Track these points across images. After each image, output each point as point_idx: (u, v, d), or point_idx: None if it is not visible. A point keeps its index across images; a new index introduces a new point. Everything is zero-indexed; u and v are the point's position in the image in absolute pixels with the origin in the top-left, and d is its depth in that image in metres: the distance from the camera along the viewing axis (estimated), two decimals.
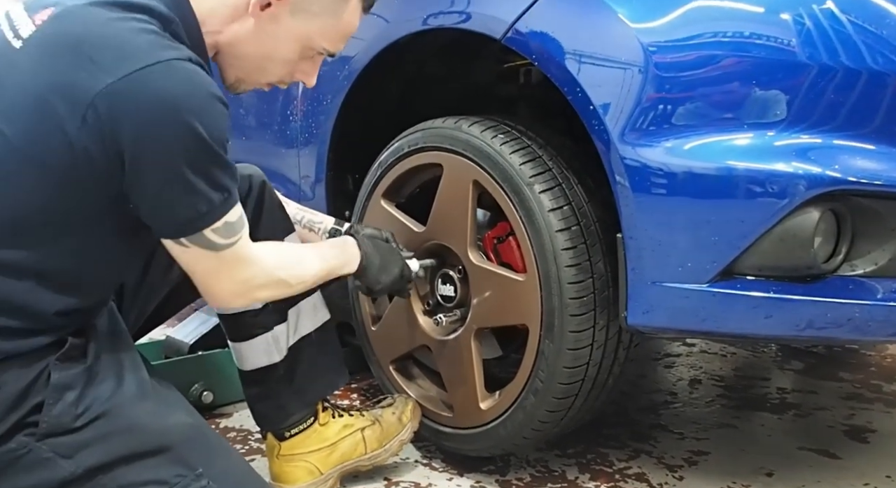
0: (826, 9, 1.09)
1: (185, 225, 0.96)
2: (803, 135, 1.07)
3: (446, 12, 1.37)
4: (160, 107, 0.88)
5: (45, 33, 0.93)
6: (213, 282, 1.04)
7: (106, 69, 0.87)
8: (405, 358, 1.59)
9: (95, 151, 0.89)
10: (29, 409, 0.94)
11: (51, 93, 0.89)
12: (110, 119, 0.88)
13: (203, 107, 0.91)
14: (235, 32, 1.06)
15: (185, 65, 0.91)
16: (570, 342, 1.26)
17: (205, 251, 0.99)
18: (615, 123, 1.14)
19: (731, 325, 1.14)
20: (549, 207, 1.26)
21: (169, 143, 0.89)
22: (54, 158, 0.90)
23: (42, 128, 0.89)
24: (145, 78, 0.88)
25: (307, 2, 1.06)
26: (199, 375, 1.70)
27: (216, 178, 0.95)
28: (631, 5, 1.16)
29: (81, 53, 0.89)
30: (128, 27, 0.91)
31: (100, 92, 0.87)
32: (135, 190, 0.93)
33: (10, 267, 0.93)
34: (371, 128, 1.65)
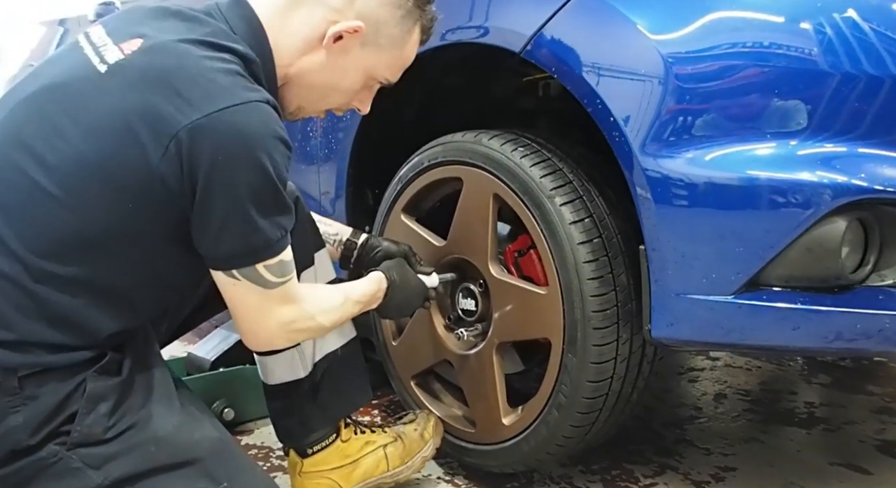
0: (847, 17, 1.08)
1: (240, 257, 0.99)
2: (827, 144, 1.06)
3: (465, 27, 1.37)
4: (238, 143, 0.93)
5: (135, 63, 0.96)
6: (257, 320, 1.06)
7: (194, 105, 0.92)
8: (426, 373, 1.58)
9: (172, 180, 0.94)
10: (63, 419, 0.96)
11: (137, 119, 0.93)
12: (191, 152, 0.92)
13: (275, 146, 0.96)
14: (306, 64, 1.11)
15: (264, 107, 0.97)
16: (594, 355, 1.25)
17: (254, 287, 1.02)
18: (636, 135, 1.13)
19: (758, 337, 1.12)
20: (571, 220, 1.26)
21: (240, 177, 0.94)
22: (130, 181, 0.94)
23: (123, 151, 0.93)
24: (229, 116, 0.93)
25: (376, 34, 1.12)
26: (220, 392, 1.71)
27: (276, 217, 0.99)
28: (650, 17, 1.15)
29: (171, 87, 0.93)
30: (215, 67, 0.97)
31: (185, 126, 0.92)
32: (199, 219, 0.97)
33: (68, 282, 0.96)
34: (390, 143, 1.66)
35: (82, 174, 0.94)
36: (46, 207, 0.94)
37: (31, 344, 0.95)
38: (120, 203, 0.95)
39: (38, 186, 0.94)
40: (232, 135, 0.93)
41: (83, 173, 0.94)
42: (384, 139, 1.66)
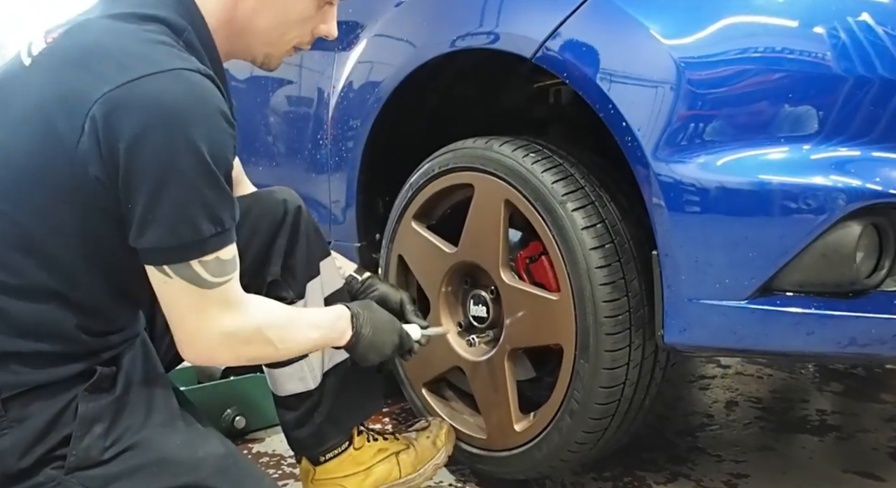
0: (861, 21, 1.08)
1: (170, 251, 0.89)
2: (841, 149, 1.06)
3: (475, 33, 1.38)
4: (158, 115, 0.83)
5: (54, 48, 0.91)
6: (194, 326, 0.94)
7: (107, 78, 0.84)
8: (438, 380, 1.58)
9: (95, 167, 0.86)
10: (56, 442, 0.92)
11: (52, 106, 0.87)
12: (106, 128, 0.84)
13: (205, 120, 0.87)
14: (244, 12, 1.03)
15: (192, 75, 0.88)
16: (606, 361, 1.25)
17: (189, 286, 0.91)
18: (648, 140, 1.13)
19: (772, 343, 1.11)
20: (583, 225, 1.25)
21: (163, 155, 0.84)
22: (58, 178, 0.87)
23: (44, 145, 0.87)
24: (148, 85, 0.84)
25: None
26: (231, 400, 1.71)
27: (212, 207, 0.89)
28: (663, 21, 1.16)
29: (85, 64, 0.87)
30: (137, 38, 0.89)
31: (98, 100, 0.84)
32: (126, 203, 0.87)
33: (26, 290, 0.91)
34: (401, 150, 1.66)
35: (12, 177, 0.89)
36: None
37: (10, 358, 0.91)
38: (60, 205, 0.88)
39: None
40: (150, 106, 0.83)
41: (13, 176, 0.89)
42: (395, 147, 1.67)
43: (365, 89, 1.62)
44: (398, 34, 1.56)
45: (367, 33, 1.65)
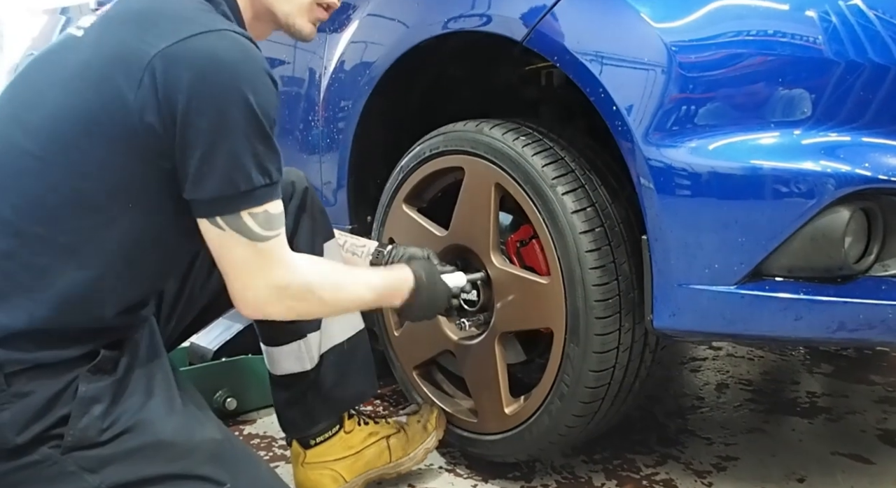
0: (852, 5, 1.07)
1: (223, 201, 0.93)
2: (831, 134, 1.05)
3: (467, 15, 1.36)
4: (214, 67, 0.89)
5: (106, 15, 0.97)
6: (247, 279, 0.99)
7: (163, 36, 0.90)
8: (428, 363, 1.58)
9: (151, 117, 0.89)
10: (55, 421, 0.93)
11: (110, 62, 0.91)
12: (165, 80, 0.88)
13: (255, 76, 0.92)
14: None
15: (239, 36, 0.93)
16: (596, 345, 1.25)
17: (241, 238, 0.95)
18: (639, 124, 1.13)
19: (761, 328, 1.11)
20: (573, 209, 1.25)
21: (219, 107, 0.89)
22: (112, 127, 0.90)
23: (100, 96, 0.90)
24: (201, 41, 0.90)
25: None
26: (223, 382, 1.71)
27: (261, 159, 0.93)
28: (653, 5, 1.14)
29: (140, 25, 0.92)
30: (184, 4, 0.96)
31: (156, 54, 0.88)
32: (181, 157, 0.91)
33: (67, 250, 0.93)
34: (392, 132, 1.65)
35: (64, 130, 0.92)
36: (36, 171, 0.92)
37: (20, 335, 0.92)
38: (107, 155, 0.91)
39: (25, 151, 0.92)
40: (206, 59, 0.89)
41: (65, 129, 0.92)
42: (386, 128, 1.66)
43: (356, 70, 1.61)
44: (390, 15, 1.55)
45: (358, 14, 1.64)
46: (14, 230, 0.92)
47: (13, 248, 0.92)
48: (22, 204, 0.92)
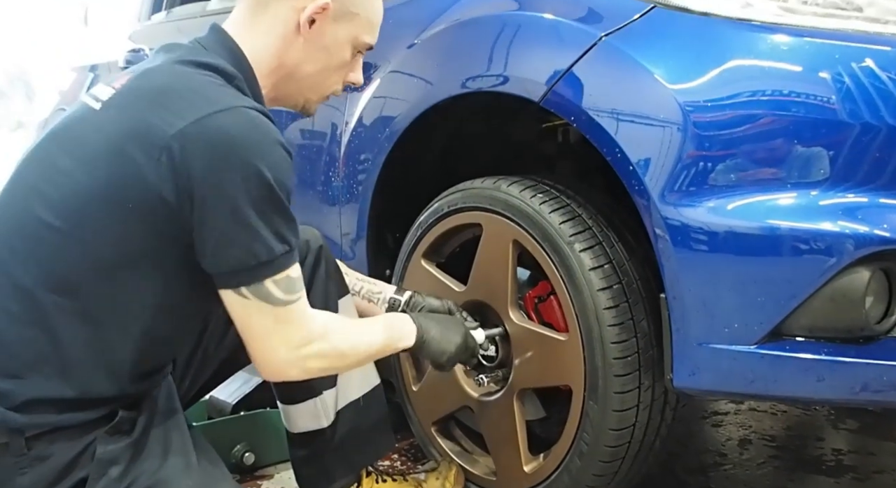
0: (865, 66, 1.08)
1: (246, 272, 0.96)
2: (849, 194, 1.06)
3: (485, 75, 1.39)
4: (228, 146, 0.92)
5: (124, 91, 1.00)
6: (268, 344, 1.02)
7: (180, 115, 0.93)
8: (447, 419, 1.57)
9: (169, 193, 0.93)
10: (73, 484, 0.94)
11: (129, 140, 0.94)
12: (183, 160, 0.92)
13: (269, 150, 0.95)
14: (292, 58, 1.12)
15: (251, 112, 0.97)
16: (616, 403, 1.24)
17: (263, 305, 0.98)
18: (655, 183, 1.14)
19: (782, 388, 1.10)
20: (590, 266, 1.26)
21: (235, 183, 0.92)
22: (130, 202, 0.94)
23: (120, 173, 0.94)
24: (216, 121, 0.93)
25: (344, 4, 1.12)
26: (241, 436, 1.71)
27: (279, 228, 0.97)
28: (667, 66, 1.16)
29: (157, 103, 0.96)
30: (200, 81, 1.00)
31: (174, 135, 0.92)
32: (199, 233, 0.95)
33: (81, 315, 0.95)
34: (411, 187, 1.67)
35: (84, 204, 0.95)
36: (55, 242, 0.95)
37: (40, 402, 0.94)
38: (124, 228, 0.95)
39: (44, 223, 0.95)
40: (221, 139, 0.92)
41: (85, 203, 0.95)
42: (405, 183, 1.68)
43: (378, 126, 1.64)
44: (410, 75, 1.58)
45: (379, 73, 1.67)
46: (32, 298, 0.94)
47: (32, 316, 0.94)
48: (40, 273, 0.95)
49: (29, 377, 0.93)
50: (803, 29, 1.12)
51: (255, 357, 1.04)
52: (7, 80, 9.10)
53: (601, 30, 1.22)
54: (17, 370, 0.94)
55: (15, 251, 0.96)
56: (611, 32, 1.21)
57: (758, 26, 1.14)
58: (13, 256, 0.96)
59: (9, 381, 0.93)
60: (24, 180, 1.01)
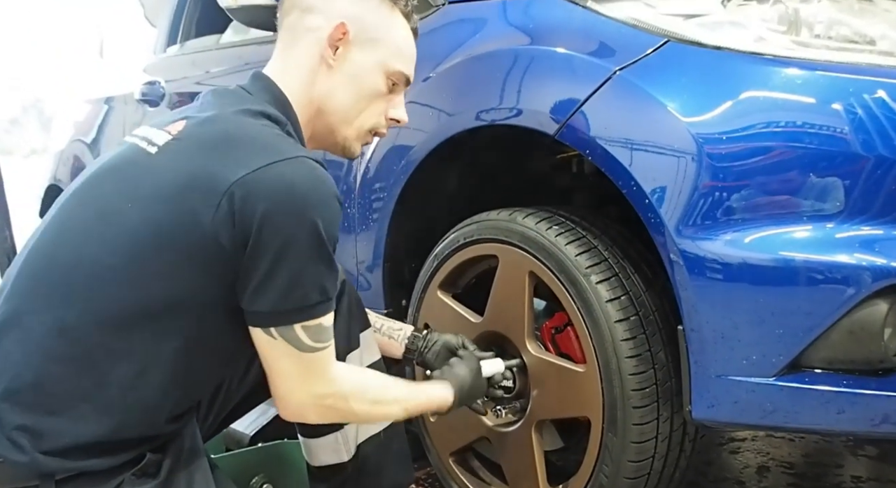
0: (877, 97, 1.09)
1: (279, 314, 0.98)
2: (864, 227, 1.06)
3: (498, 108, 1.41)
4: (288, 195, 0.95)
5: (182, 139, 1.02)
6: (289, 387, 1.05)
7: (242, 163, 0.95)
8: (465, 450, 1.57)
9: (225, 238, 0.95)
10: None
11: (187, 185, 0.96)
12: (242, 205, 0.94)
13: (325, 202, 0.98)
14: (323, 90, 1.13)
15: (310, 162, 0.99)
16: (635, 435, 1.24)
17: (290, 348, 1.00)
18: (671, 216, 1.15)
19: (802, 420, 1.10)
20: (607, 298, 1.26)
21: (290, 230, 0.94)
22: (185, 245, 0.96)
23: (177, 217, 0.96)
24: (279, 170, 0.95)
25: (363, 30, 1.13)
26: (259, 467, 1.70)
27: (321, 278, 0.99)
28: (681, 99, 1.18)
29: (218, 151, 0.98)
30: (259, 130, 1.02)
31: (236, 182, 0.94)
32: (246, 274, 0.96)
33: (126, 355, 0.96)
34: (427, 218, 1.69)
35: (139, 246, 0.96)
36: (108, 280, 0.96)
37: (74, 447, 0.94)
38: (174, 268, 0.96)
39: (98, 263, 0.97)
40: (281, 188, 0.94)
41: (139, 245, 0.96)
42: (421, 215, 1.69)
43: (393, 158, 1.65)
44: (425, 108, 1.59)
45: None
46: (76, 337, 0.96)
47: (75, 354, 0.95)
48: (90, 312, 0.96)
49: (65, 416, 0.94)
50: (816, 62, 1.13)
51: (275, 394, 1.07)
52: (21, 109, 9.22)
53: (615, 64, 1.24)
54: (56, 407, 0.95)
55: (66, 291, 0.97)
56: (625, 66, 1.23)
57: (771, 60, 1.15)
58: (64, 297, 0.97)
59: (47, 420, 0.94)
60: (76, 219, 1.02)
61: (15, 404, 0.94)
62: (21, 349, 0.96)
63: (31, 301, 0.98)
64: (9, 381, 0.95)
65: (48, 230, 1.03)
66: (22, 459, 0.93)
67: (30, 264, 1.01)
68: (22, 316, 0.97)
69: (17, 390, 0.95)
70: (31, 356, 0.95)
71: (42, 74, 6.81)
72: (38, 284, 0.99)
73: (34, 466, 0.93)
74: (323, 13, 1.12)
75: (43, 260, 1.00)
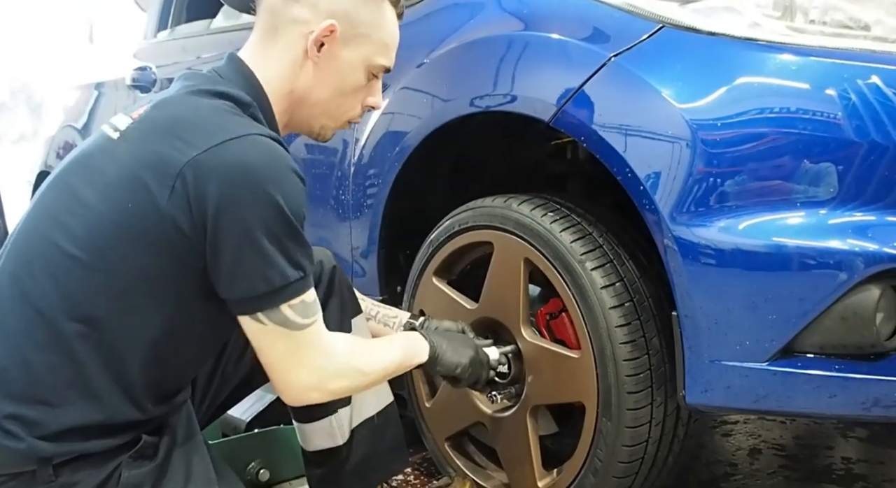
0: (871, 83, 1.09)
1: (262, 298, 0.97)
2: (857, 213, 1.07)
3: (493, 95, 1.41)
4: (242, 174, 0.93)
5: (141, 121, 1.01)
6: (289, 369, 1.03)
7: (193, 144, 0.94)
8: (460, 435, 1.58)
9: (182, 220, 0.94)
10: None
11: (143, 169, 0.95)
12: (196, 187, 0.93)
13: (282, 177, 0.96)
14: (304, 83, 1.12)
15: (264, 139, 0.98)
16: (629, 420, 1.25)
17: (282, 330, 0.99)
18: (666, 202, 1.15)
19: (794, 405, 1.12)
20: (602, 284, 1.27)
21: (248, 209, 0.93)
22: (145, 230, 0.95)
23: (134, 201, 0.95)
24: (229, 148, 0.94)
25: (351, 26, 1.11)
26: (256, 453, 1.71)
27: (292, 254, 0.98)
28: (676, 86, 1.18)
29: (172, 133, 0.97)
30: (214, 110, 1.01)
31: (187, 162, 0.93)
32: (213, 259, 0.96)
33: (105, 343, 0.96)
34: (421, 204, 1.69)
35: (102, 234, 0.96)
36: (75, 272, 0.96)
37: (67, 430, 0.95)
38: (140, 257, 0.96)
39: (65, 254, 0.96)
40: (234, 167, 0.93)
41: (103, 233, 0.96)
42: (416, 201, 1.69)
43: (387, 145, 1.65)
44: (419, 95, 1.59)
45: (389, 92, 1.68)
46: (55, 326, 0.96)
47: (56, 343, 0.96)
48: (61, 302, 0.96)
49: (56, 403, 0.95)
50: (811, 48, 1.13)
51: (276, 383, 1.05)
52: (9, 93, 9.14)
53: (609, 50, 1.24)
54: (44, 396, 0.95)
55: (37, 280, 0.97)
56: (620, 53, 1.23)
57: (766, 46, 1.15)
58: (36, 286, 0.97)
59: (37, 408, 0.95)
60: (45, 210, 1.02)
61: (3, 395, 0.95)
62: (3, 341, 0.97)
63: (8, 293, 0.99)
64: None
65: (26, 221, 1.04)
66: (18, 446, 0.93)
67: (10, 258, 1.02)
68: (2, 308, 0.98)
69: (6, 381, 0.95)
70: (12, 347, 0.96)
71: (30, 59, 6.74)
72: (15, 277, 0.99)
73: (30, 451, 0.94)
74: (310, 5, 1.09)
75: (19, 252, 1.01)
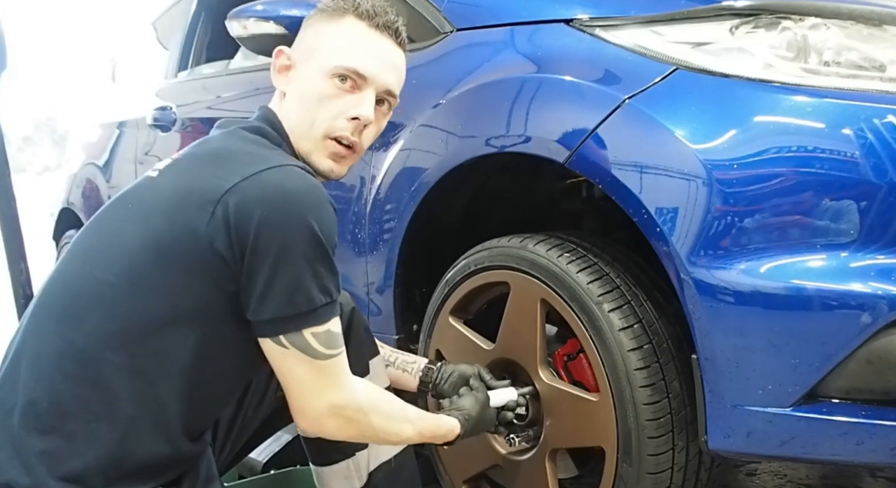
0: (888, 123, 1.08)
1: (287, 320, 0.99)
2: (879, 256, 1.05)
3: (508, 136, 1.41)
4: (282, 199, 0.97)
5: (181, 158, 1.08)
6: (308, 395, 1.05)
7: (234, 171, 0.99)
8: (478, 477, 1.56)
9: (220, 243, 0.97)
10: None
11: (183, 198, 0.99)
12: (237, 211, 0.96)
13: (319, 205, 1.00)
14: (286, 113, 1.16)
15: (300, 170, 1.03)
16: (650, 466, 1.23)
17: (303, 356, 1.01)
18: (682, 245, 1.14)
19: (820, 452, 1.09)
20: (620, 326, 1.25)
21: (287, 232, 0.97)
22: (185, 255, 0.98)
23: (172, 228, 0.98)
24: (270, 176, 0.99)
25: (307, 44, 1.17)
26: None
27: (323, 279, 1.00)
28: (691, 127, 1.17)
29: (213, 164, 1.03)
30: (250, 144, 1.08)
31: (229, 189, 0.97)
32: (247, 282, 0.98)
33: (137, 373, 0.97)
34: (438, 242, 1.68)
35: (138, 261, 0.99)
36: (109, 299, 0.98)
37: (93, 471, 0.95)
38: (176, 281, 0.98)
39: (99, 281, 0.99)
40: (275, 192, 0.97)
41: (138, 260, 0.99)
42: (432, 239, 1.69)
43: (403, 183, 1.65)
44: (436, 133, 1.59)
45: (405, 132, 1.69)
46: (88, 357, 0.97)
47: (87, 374, 0.97)
48: (96, 331, 0.98)
49: (82, 437, 0.95)
50: (826, 90, 1.12)
51: (292, 406, 1.07)
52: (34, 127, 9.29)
53: (623, 92, 1.24)
54: (71, 429, 0.96)
55: (73, 313, 0.99)
56: (634, 95, 1.22)
57: (779, 87, 1.14)
58: (72, 319, 0.99)
59: (62, 442, 0.95)
60: (84, 244, 1.06)
61: (33, 430, 0.96)
62: (35, 374, 0.98)
63: (43, 326, 1.01)
64: (25, 406, 0.97)
65: (63, 261, 1.06)
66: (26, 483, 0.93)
67: (45, 293, 1.04)
68: (35, 341, 1.00)
69: (35, 415, 0.96)
70: (44, 380, 0.97)
71: (55, 94, 6.89)
72: (49, 310, 1.01)
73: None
74: None
75: (55, 287, 1.04)
